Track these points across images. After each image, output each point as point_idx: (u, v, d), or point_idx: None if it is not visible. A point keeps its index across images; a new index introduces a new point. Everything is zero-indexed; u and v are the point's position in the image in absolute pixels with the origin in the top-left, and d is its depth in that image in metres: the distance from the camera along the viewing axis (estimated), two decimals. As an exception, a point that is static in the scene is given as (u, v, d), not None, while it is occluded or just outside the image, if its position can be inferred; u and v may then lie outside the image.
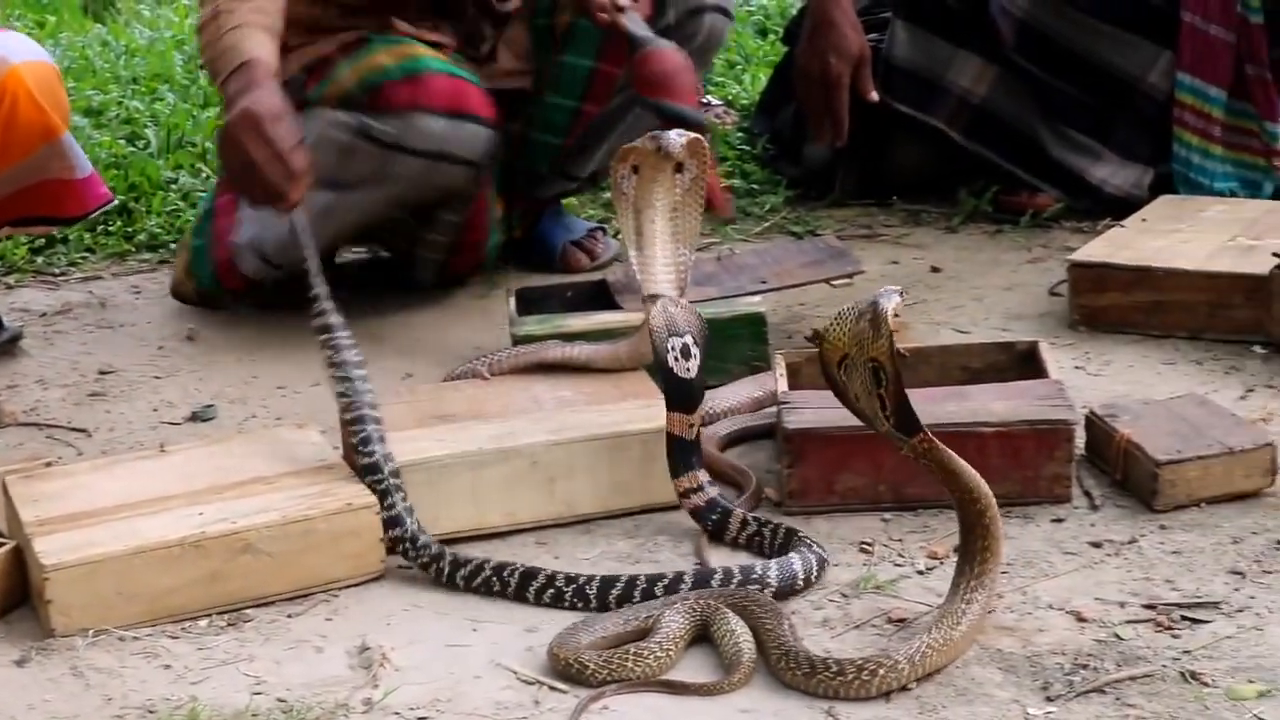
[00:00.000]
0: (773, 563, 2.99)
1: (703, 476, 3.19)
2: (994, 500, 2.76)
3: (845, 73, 4.36)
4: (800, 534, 3.09)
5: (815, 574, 3.01)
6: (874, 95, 4.40)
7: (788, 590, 2.96)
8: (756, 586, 2.93)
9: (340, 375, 3.19)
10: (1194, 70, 4.44)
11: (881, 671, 2.63)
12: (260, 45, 3.75)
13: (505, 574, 2.98)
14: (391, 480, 3.08)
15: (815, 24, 4.37)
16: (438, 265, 4.36)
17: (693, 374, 3.18)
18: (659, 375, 3.25)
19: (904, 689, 2.64)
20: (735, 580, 2.91)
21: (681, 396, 3.19)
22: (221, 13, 3.78)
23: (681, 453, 3.18)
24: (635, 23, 3.93)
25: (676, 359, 3.18)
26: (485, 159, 4.07)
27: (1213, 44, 4.42)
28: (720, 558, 3.05)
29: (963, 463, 2.75)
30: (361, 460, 3.10)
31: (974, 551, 2.77)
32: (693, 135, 3.22)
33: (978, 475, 2.76)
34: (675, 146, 3.15)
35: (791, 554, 3.02)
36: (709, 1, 4.37)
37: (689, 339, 3.19)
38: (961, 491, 2.76)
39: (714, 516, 3.17)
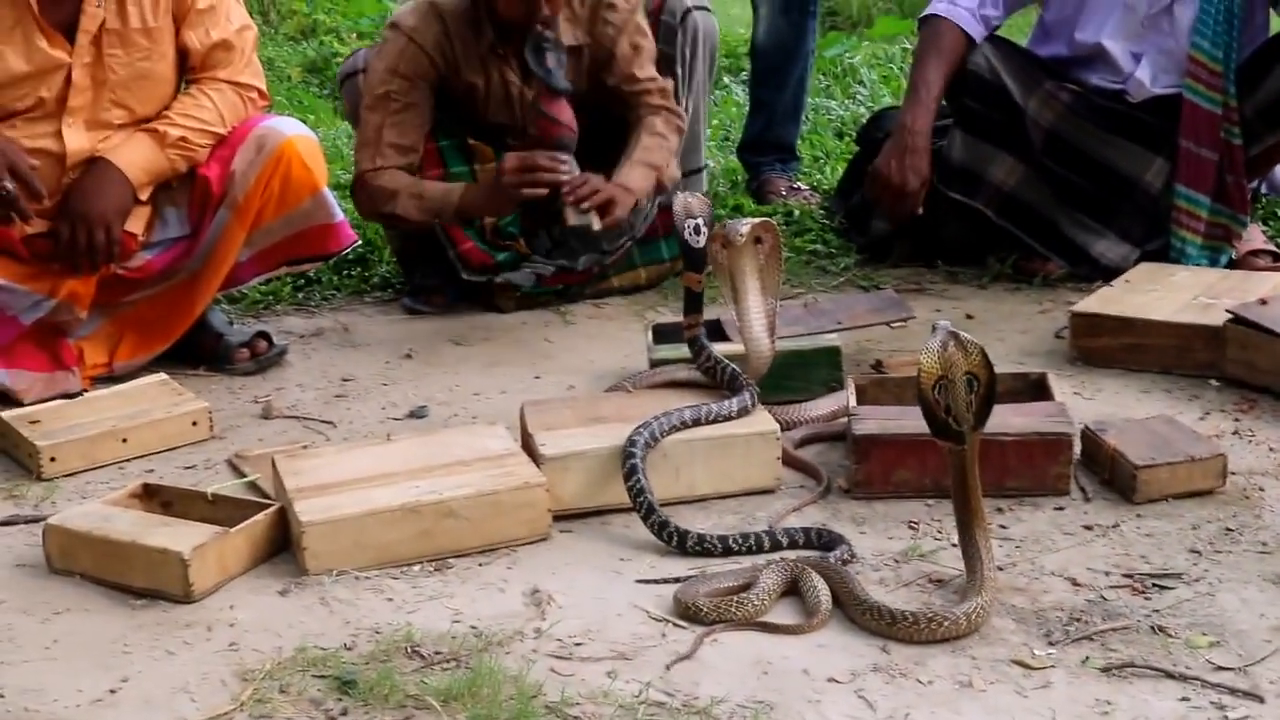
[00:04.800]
0: (733, 400, 3.26)
1: (701, 319, 3.39)
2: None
3: (918, 189, 4.37)
4: (742, 376, 3.32)
5: (753, 405, 3.28)
6: (920, 211, 4.41)
7: (742, 412, 3.26)
8: (726, 415, 3.24)
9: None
10: (1189, 183, 4.40)
11: (946, 623, 2.63)
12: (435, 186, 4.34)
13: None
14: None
15: (904, 147, 4.37)
16: None
17: (701, 244, 3.34)
18: (679, 245, 3.41)
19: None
20: None
21: (694, 260, 3.36)
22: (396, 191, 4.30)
23: (692, 300, 3.39)
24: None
25: (691, 234, 3.34)
26: None
27: (1203, 163, 4.38)
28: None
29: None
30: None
31: (983, 529, 2.76)
32: (759, 220, 3.32)
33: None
34: (735, 235, 3.27)
35: (743, 392, 3.28)
36: (690, 4, 4.59)
37: (700, 220, 3.34)
38: (977, 485, 2.75)
39: (695, 346, 3.39)
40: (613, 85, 4.39)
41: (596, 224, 4.12)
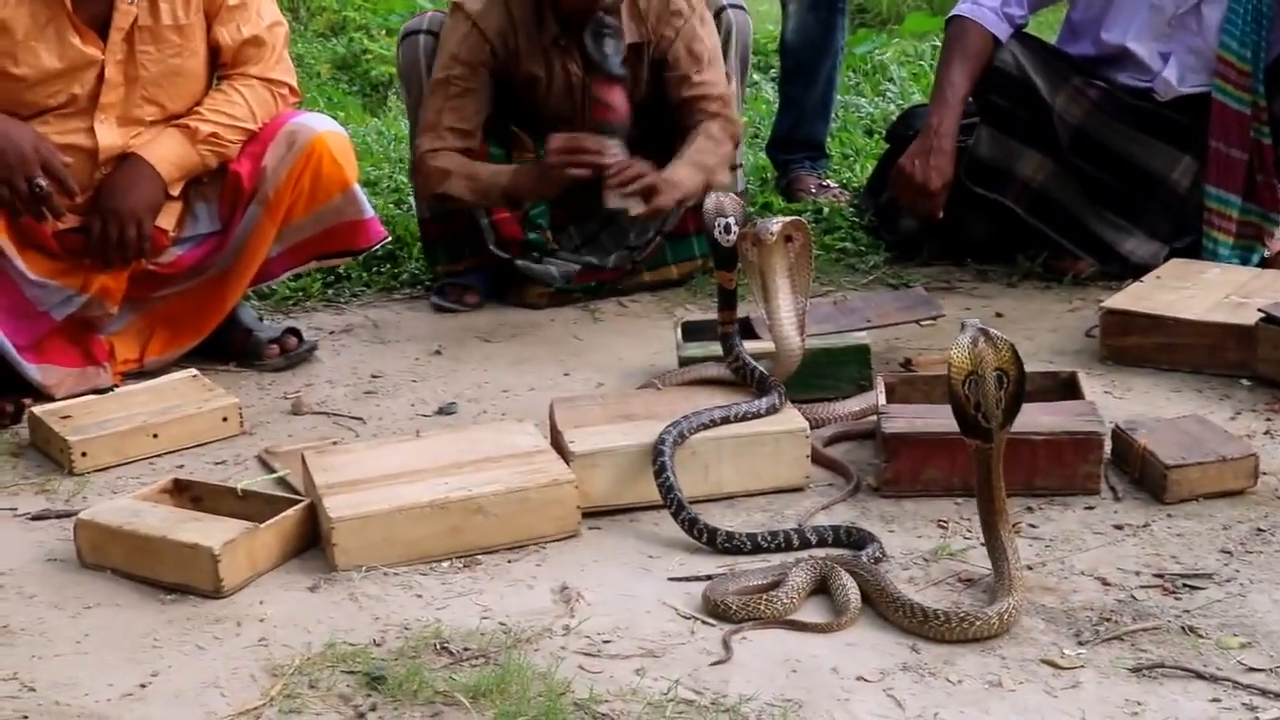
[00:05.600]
0: (762, 400, 3.27)
1: (735, 315, 3.40)
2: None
3: (940, 189, 4.35)
4: (770, 378, 3.31)
5: (780, 403, 3.28)
6: (940, 215, 4.40)
7: (770, 411, 3.26)
8: (755, 414, 3.25)
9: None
10: (1219, 183, 4.38)
11: (978, 623, 2.62)
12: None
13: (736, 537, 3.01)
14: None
15: (929, 148, 4.35)
16: None
17: (731, 242, 3.31)
18: (709, 243, 3.39)
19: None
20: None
21: (724, 259, 3.35)
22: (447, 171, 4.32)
23: (726, 297, 3.39)
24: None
25: (721, 233, 3.33)
26: None
27: (1233, 163, 4.36)
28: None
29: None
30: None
31: (1008, 528, 2.76)
32: (789, 219, 3.30)
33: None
34: (765, 234, 3.25)
35: (772, 393, 3.28)
36: (725, 2, 4.61)
37: (731, 219, 3.32)
38: (1001, 484, 2.75)
39: (727, 344, 3.39)
40: (670, 89, 4.39)
41: (637, 208, 4.14)
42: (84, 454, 3.48)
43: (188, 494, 3.19)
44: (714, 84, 4.39)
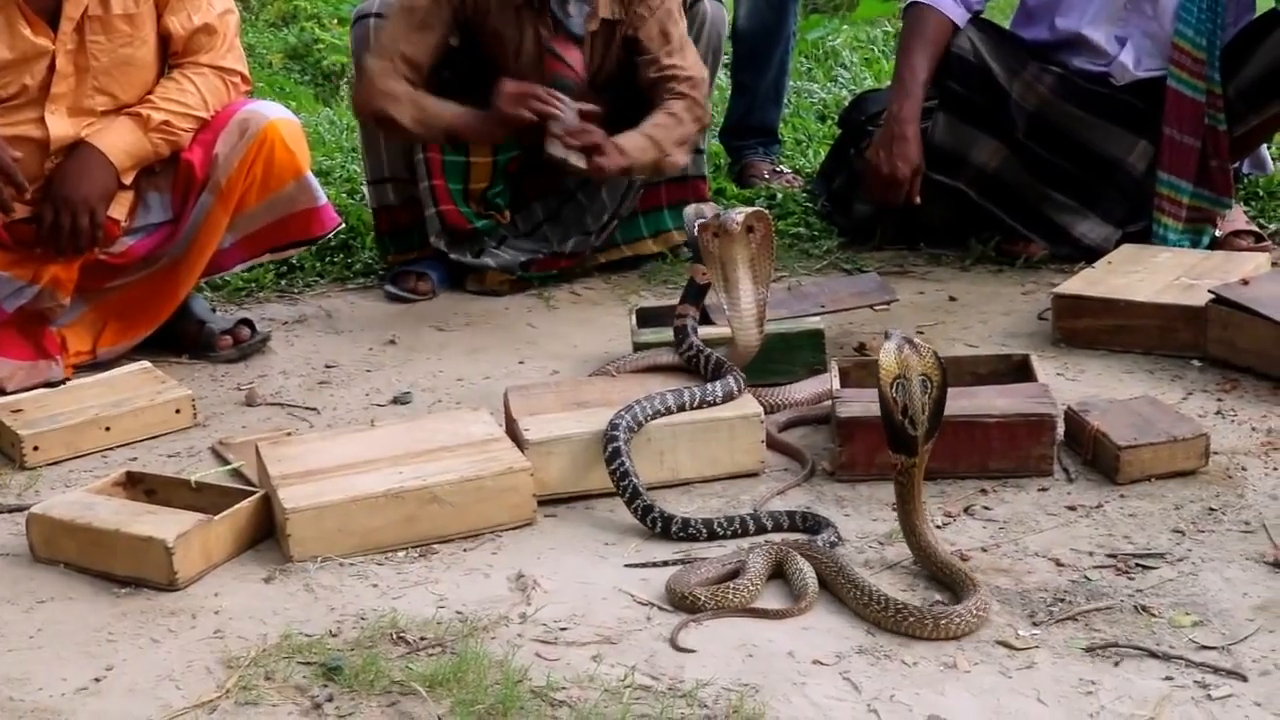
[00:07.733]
0: (717, 384, 3.25)
1: (693, 311, 3.42)
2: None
3: (909, 176, 4.35)
4: (727, 364, 3.31)
5: (738, 390, 3.26)
6: (917, 200, 4.39)
7: (729, 396, 3.25)
8: (710, 401, 3.23)
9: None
10: (1170, 170, 4.40)
11: (956, 620, 2.61)
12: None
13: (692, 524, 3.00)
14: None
15: (891, 136, 4.36)
16: None
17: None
18: (690, 245, 3.47)
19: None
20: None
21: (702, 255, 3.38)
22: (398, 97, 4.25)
23: (693, 292, 3.43)
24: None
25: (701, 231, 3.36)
26: None
27: (1185, 149, 4.38)
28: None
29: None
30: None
31: (932, 532, 2.82)
32: (752, 210, 3.32)
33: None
34: (731, 224, 3.27)
35: (727, 377, 3.27)
36: None
37: (708, 219, 3.35)
38: (922, 504, 2.81)
39: (680, 337, 3.42)
40: (641, 70, 4.37)
41: (578, 162, 4.13)
42: (36, 448, 3.46)
43: (141, 487, 3.17)
44: (684, 66, 4.35)
